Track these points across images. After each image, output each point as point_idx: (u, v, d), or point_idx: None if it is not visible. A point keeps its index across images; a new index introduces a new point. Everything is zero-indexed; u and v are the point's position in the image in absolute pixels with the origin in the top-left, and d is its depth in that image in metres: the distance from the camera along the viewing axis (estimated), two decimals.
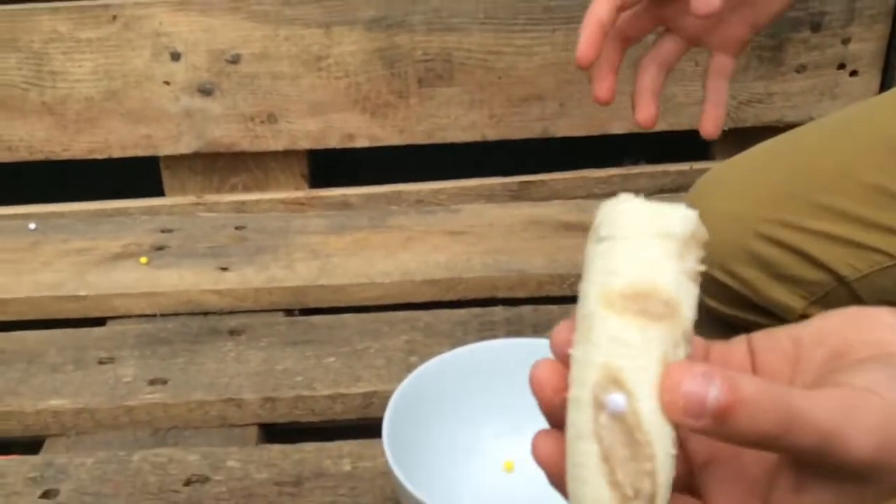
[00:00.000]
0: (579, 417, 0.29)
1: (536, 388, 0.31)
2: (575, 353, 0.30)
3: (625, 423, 0.28)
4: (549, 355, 0.70)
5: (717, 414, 0.27)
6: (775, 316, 0.74)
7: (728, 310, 0.76)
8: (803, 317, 0.72)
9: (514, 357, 0.67)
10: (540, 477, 0.66)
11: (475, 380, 0.66)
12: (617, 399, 0.28)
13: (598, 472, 0.28)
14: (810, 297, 0.71)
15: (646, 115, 0.61)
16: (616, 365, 0.28)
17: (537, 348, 0.67)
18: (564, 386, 0.30)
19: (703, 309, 0.82)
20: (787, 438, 0.27)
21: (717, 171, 0.78)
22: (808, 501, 0.29)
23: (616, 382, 0.28)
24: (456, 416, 0.65)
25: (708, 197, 0.76)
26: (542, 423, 0.70)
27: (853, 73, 1.04)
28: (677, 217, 0.30)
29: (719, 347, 0.35)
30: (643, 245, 0.29)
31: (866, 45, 1.03)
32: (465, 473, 0.64)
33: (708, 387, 0.27)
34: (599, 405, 0.28)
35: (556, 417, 0.31)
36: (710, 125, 0.62)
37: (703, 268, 0.30)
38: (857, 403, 0.28)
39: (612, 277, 0.29)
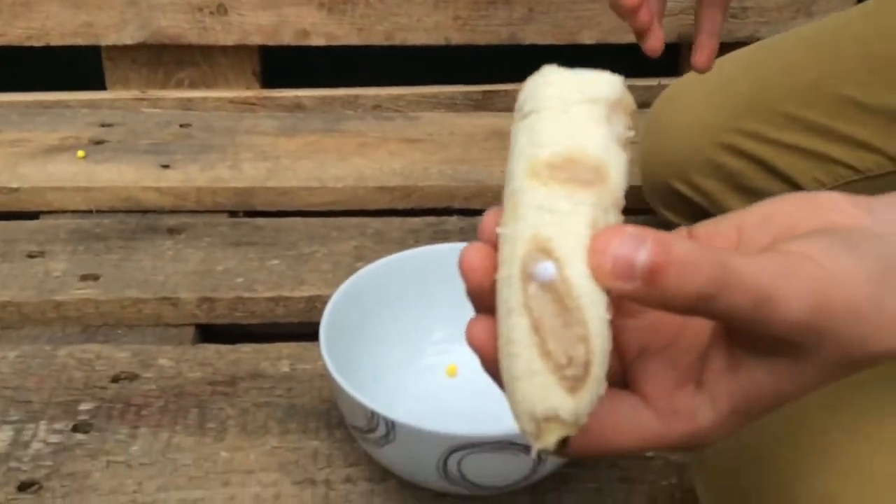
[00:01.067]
0: (509, 293, 0.27)
1: (466, 272, 0.29)
2: (503, 231, 0.27)
3: (555, 292, 0.26)
4: None
5: (647, 275, 0.25)
6: None
7: (685, 222, 0.74)
8: None
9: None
10: (483, 381, 0.64)
11: (419, 284, 0.63)
12: (546, 267, 0.26)
13: (530, 344, 0.26)
14: None
15: (703, 58, 0.57)
16: (544, 235, 0.26)
17: None
18: (494, 268, 0.28)
19: (660, 222, 0.80)
20: (720, 299, 0.26)
21: (683, 82, 0.74)
22: (743, 379, 0.28)
23: (545, 251, 0.26)
24: (398, 319, 0.62)
25: (672, 107, 0.73)
26: None
27: None
28: (603, 82, 0.28)
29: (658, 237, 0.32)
30: (569, 112, 0.28)
31: None
32: (406, 377, 0.61)
33: (638, 248, 0.25)
34: (528, 276, 0.26)
35: (486, 302, 0.29)
36: (703, 58, 0.58)
37: (632, 133, 0.28)
38: (792, 267, 0.27)
39: (538, 149, 0.27)
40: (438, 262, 0.64)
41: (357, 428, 0.52)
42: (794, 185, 0.67)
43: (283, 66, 1.05)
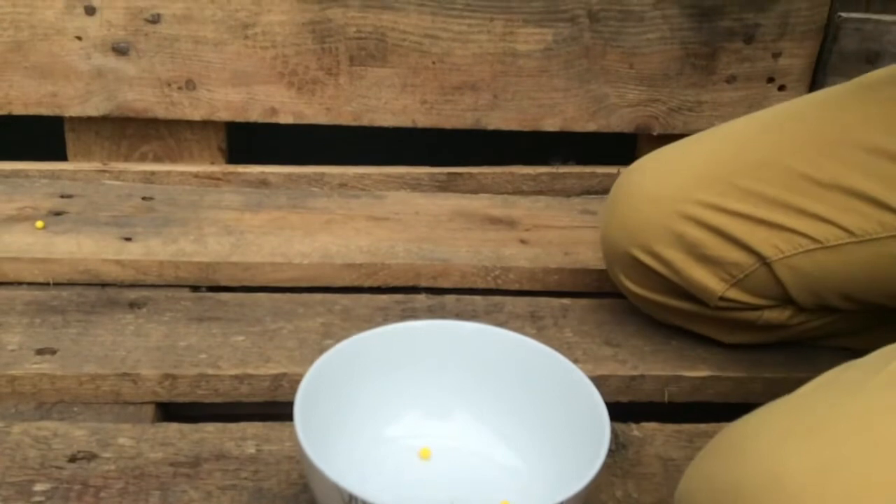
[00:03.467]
0: None
1: None
2: None
3: None
4: (473, 338, 0.66)
5: None
6: (694, 299, 0.73)
7: (647, 293, 0.75)
8: (722, 299, 0.72)
9: (436, 339, 0.64)
10: (456, 466, 0.63)
11: (393, 362, 0.62)
12: None
13: None
14: (730, 278, 0.71)
15: None
16: None
17: (460, 331, 0.64)
18: None
19: (621, 295, 0.81)
20: None
21: (643, 160, 0.77)
22: None
23: None
24: (372, 398, 0.61)
25: (633, 181, 0.75)
26: (463, 410, 0.66)
27: (781, 88, 1.05)
28: None
29: None
30: None
31: (796, 61, 1.04)
32: (379, 459, 0.60)
33: None
34: None
35: None
36: None
37: None
38: None
39: None
40: (412, 338, 0.63)
41: None
42: (753, 254, 0.69)
43: (250, 141, 1.06)
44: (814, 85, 1.05)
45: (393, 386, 0.62)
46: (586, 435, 0.55)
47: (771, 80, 1.05)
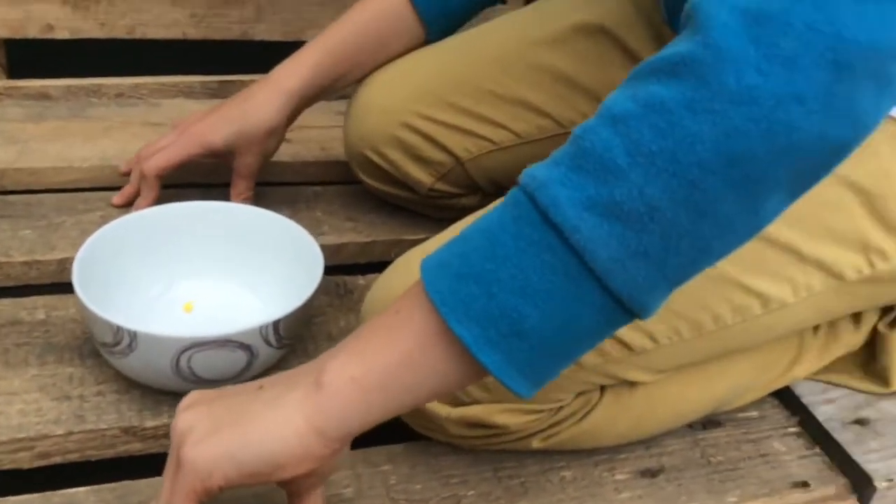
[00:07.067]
0: None
1: None
2: None
3: None
4: (222, 215, 0.83)
5: None
6: (411, 189, 0.93)
7: (377, 184, 0.94)
8: (431, 189, 0.91)
9: (192, 217, 0.79)
10: (214, 315, 0.79)
11: (157, 238, 0.77)
12: None
13: None
14: (437, 174, 0.90)
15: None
16: None
17: (211, 209, 0.80)
18: None
19: (360, 185, 0.99)
20: None
21: (375, 75, 0.93)
22: None
23: None
24: (140, 265, 0.76)
25: (367, 92, 0.91)
26: (218, 271, 0.82)
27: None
28: None
29: None
30: None
31: None
32: (149, 317, 0.75)
33: None
34: None
35: None
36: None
37: None
38: None
39: None
40: (172, 218, 0.78)
41: (105, 344, 0.65)
42: (451, 154, 0.89)
43: (30, 57, 1.13)
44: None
45: (160, 256, 0.77)
46: (309, 278, 0.73)
47: None
